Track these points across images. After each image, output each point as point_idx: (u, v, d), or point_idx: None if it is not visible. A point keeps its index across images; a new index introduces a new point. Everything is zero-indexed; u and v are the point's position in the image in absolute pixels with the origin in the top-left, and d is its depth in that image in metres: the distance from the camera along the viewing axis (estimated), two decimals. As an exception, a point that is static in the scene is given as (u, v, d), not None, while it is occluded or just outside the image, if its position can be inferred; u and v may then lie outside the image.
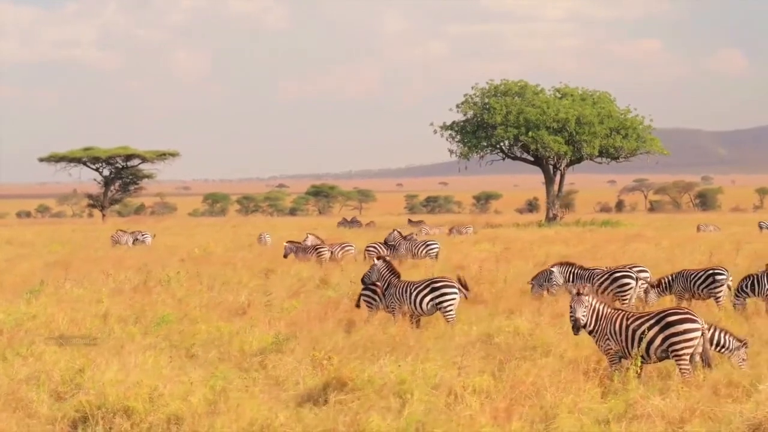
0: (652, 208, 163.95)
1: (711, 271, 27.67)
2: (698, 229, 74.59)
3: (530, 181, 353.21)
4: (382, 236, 63.90)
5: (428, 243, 46.21)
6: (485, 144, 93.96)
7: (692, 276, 27.69)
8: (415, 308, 24.97)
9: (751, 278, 26.27)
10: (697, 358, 17.86)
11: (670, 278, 28.07)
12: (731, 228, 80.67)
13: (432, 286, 25.12)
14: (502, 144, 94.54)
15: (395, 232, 47.40)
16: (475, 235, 69.53)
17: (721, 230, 73.96)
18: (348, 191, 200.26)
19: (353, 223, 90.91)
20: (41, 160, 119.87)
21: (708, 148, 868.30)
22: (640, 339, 17.87)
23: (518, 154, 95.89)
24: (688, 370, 17.62)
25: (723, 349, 18.86)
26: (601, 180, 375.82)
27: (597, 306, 18.38)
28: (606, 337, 18.21)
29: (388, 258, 26.51)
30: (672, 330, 17.77)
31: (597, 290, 27.37)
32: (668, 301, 27.92)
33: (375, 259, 26.29)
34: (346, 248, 46.73)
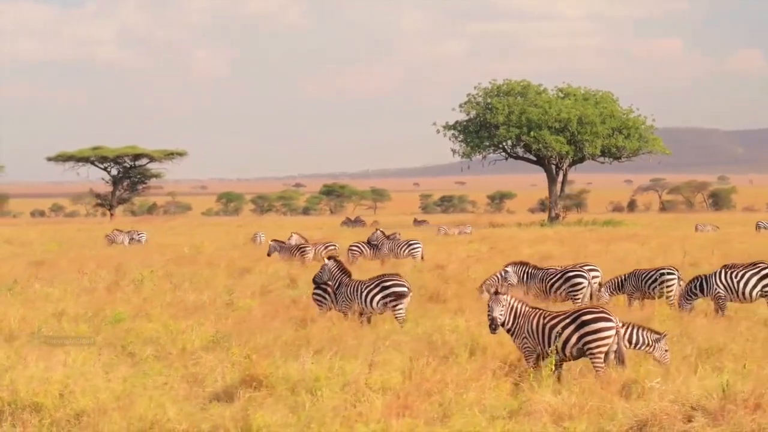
0: (664, 207, 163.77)
1: (661, 271, 28.00)
2: (696, 228, 74.72)
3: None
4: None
5: (411, 243, 46.55)
6: (488, 144, 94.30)
7: (643, 276, 28.03)
8: (366, 306, 25.42)
9: (700, 279, 26.53)
10: (612, 356, 18.22)
11: (622, 278, 28.43)
12: (732, 228, 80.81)
13: (382, 284, 25.55)
14: (504, 144, 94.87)
15: (378, 231, 47.82)
16: (469, 235, 69.99)
17: (720, 230, 74.08)
18: (361, 190, 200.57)
19: (357, 222, 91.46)
20: (49, 159, 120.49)
21: (726, 148, 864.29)
22: (557, 337, 18.24)
23: (521, 154, 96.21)
24: (603, 367, 17.96)
25: (643, 346, 19.20)
26: (618, 179, 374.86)
27: (515, 305, 18.75)
28: (524, 335, 18.58)
29: (339, 258, 26.93)
30: (587, 329, 18.12)
31: (550, 289, 27.77)
32: (621, 300, 28.28)
33: (326, 259, 26.68)
34: (330, 248, 47.12)
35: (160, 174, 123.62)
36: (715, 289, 26.14)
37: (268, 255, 46.57)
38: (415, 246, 46.16)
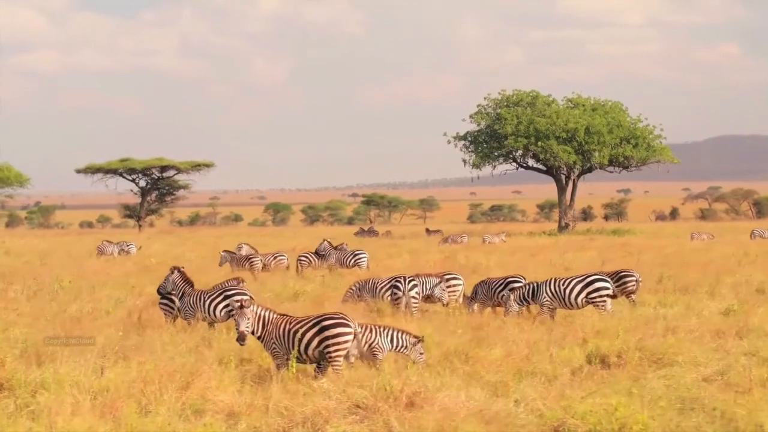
0: (703, 216, 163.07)
1: (509, 279, 29.07)
2: (692, 237, 74.84)
3: (606, 189, 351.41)
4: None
5: (356, 253, 47.75)
6: (497, 154, 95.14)
7: (493, 284, 29.12)
8: (208, 315, 26.76)
9: (531, 286, 27.65)
10: (352, 359, 19.51)
11: (476, 286, 29.56)
12: (733, 235, 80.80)
13: (225, 294, 26.88)
14: (514, 154, 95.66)
15: (325, 242, 49.00)
16: (505, 242, 71.36)
17: (714, 239, 74.11)
18: (407, 200, 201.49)
19: (370, 232, 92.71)
20: (78, 171, 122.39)
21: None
22: (299, 341, 19.48)
23: (531, 164, 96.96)
24: (341, 369, 19.20)
25: (402, 348, 20.44)
26: (676, 188, 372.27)
27: (263, 313, 19.98)
28: (272, 340, 19.81)
29: (182, 269, 28.20)
30: (326, 333, 19.39)
31: (379, 294, 28.90)
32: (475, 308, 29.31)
33: (170, 270, 28.04)
34: (279, 258, 48.50)
35: (188, 185, 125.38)
36: (543, 296, 27.25)
37: (220, 265, 48.05)
38: (361, 256, 47.35)
